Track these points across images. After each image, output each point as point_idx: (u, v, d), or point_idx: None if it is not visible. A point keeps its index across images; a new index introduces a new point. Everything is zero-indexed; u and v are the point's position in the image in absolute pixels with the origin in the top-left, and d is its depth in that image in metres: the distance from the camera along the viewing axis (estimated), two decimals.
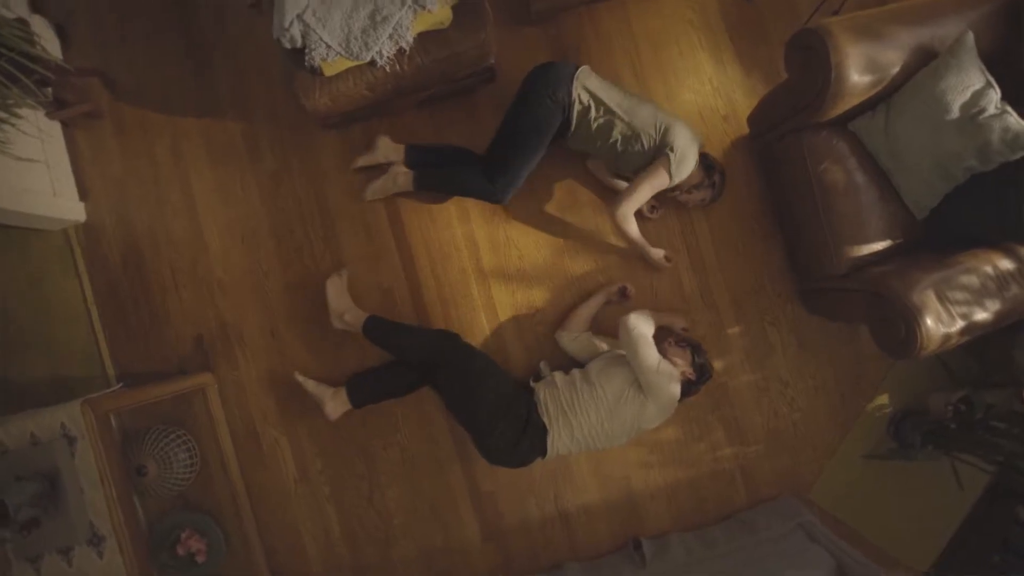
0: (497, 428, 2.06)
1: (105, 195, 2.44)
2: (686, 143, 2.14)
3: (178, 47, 2.50)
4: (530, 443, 2.09)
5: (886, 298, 1.93)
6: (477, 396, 2.09)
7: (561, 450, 2.11)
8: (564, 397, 2.11)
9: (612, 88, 2.21)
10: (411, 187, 2.38)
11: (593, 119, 2.18)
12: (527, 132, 2.22)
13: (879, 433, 2.53)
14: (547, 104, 2.16)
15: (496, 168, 2.26)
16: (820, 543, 2.15)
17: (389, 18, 2.01)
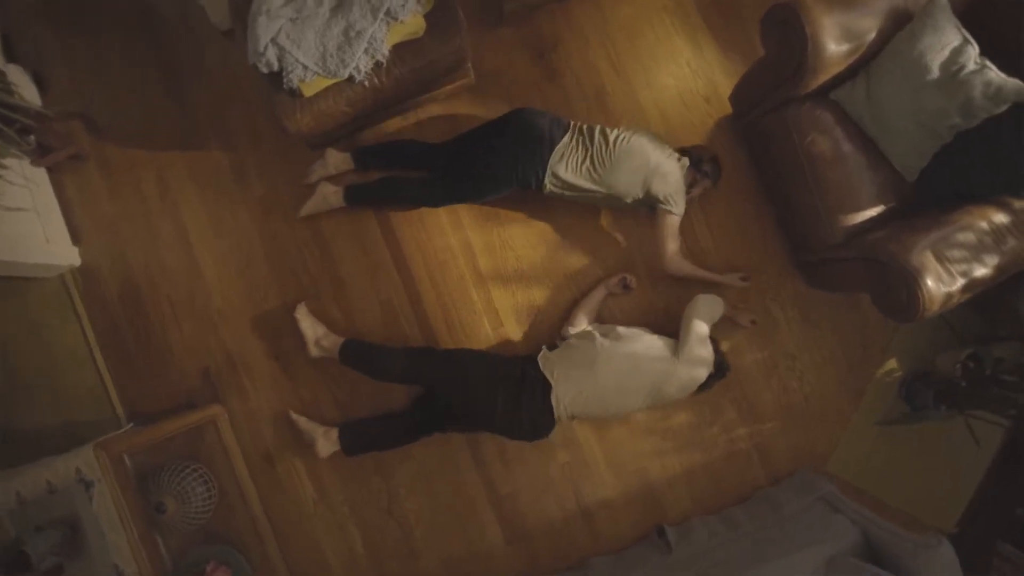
0: (498, 398, 2.04)
1: (97, 236, 2.44)
2: (671, 185, 2.18)
3: (155, 81, 2.50)
4: (531, 399, 2.04)
5: (885, 263, 1.93)
6: (470, 383, 2.09)
7: (569, 407, 2.04)
8: (579, 353, 2.10)
9: (585, 165, 2.17)
10: (342, 203, 2.38)
11: (568, 196, 2.25)
12: (484, 184, 2.28)
13: (891, 398, 2.53)
14: (512, 179, 2.21)
15: (444, 190, 2.32)
16: (843, 514, 2.15)
17: (363, 33, 2.01)
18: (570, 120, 2.23)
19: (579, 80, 2.53)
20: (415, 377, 2.21)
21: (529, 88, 2.52)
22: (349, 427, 2.31)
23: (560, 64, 2.53)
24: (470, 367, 2.13)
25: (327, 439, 2.28)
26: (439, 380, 2.17)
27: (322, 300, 2.43)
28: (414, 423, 2.29)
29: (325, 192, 2.36)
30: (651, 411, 2.46)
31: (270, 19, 1.98)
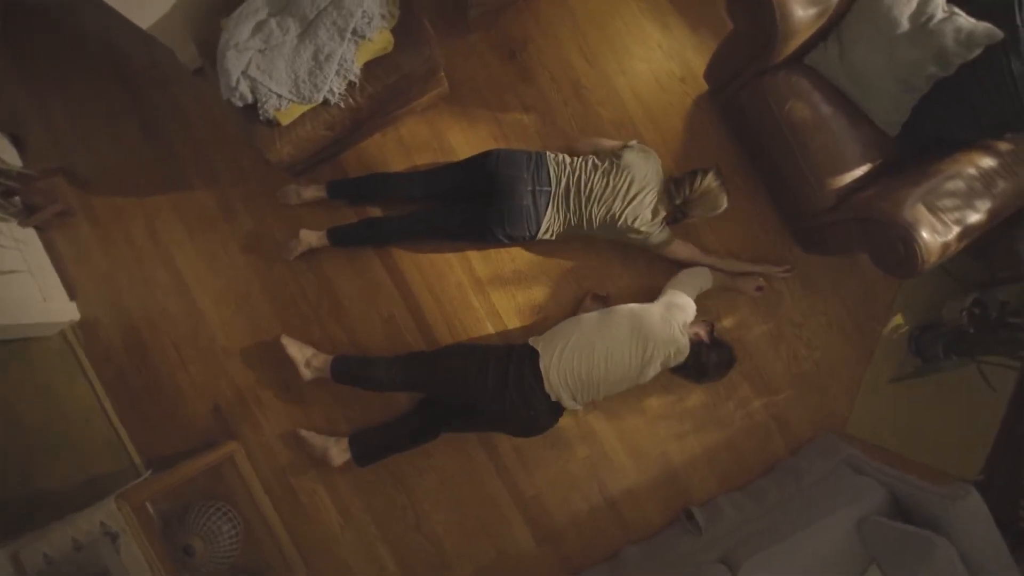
0: (488, 375, 2.06)
1: (94, 289, 2.44)
2: (645, 226, 2.21)
3: (133, 128, 2.49)
4: (519, 369, 2.05)
5: (878, 221, 1.93)
6: (458, 369, 2.12)
7: (557, 368, 2.03)
8: (566, 325, 2.14)
9: (569, 222, 2.25)
10: (327, 244, 2.39)
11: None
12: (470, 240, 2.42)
13: (901, 354, 2.53)
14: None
15: (428, 231, 2.38)
16: (867, 474, 2.15)
17: (332, 55, 2.01)
18: (551, 181, 2.21)
19: (553, 76, 2.53)
20: (407, 381, 2.22)
21: (504, 90, 2.52)
22: (358, 435, 2.32)
23: (532, 62, 2.54)
24: (455, 357, 2.17)
25: (338, 447, 2.29)
26: (430, 378, 2.18)
27: (324, 325, 2.43)
28: (420, 423, 2.30)
29: (308, 240, 2.37)
30: (664, 395, 2.46)
31: (239, 52, 1.98)
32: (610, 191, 2.18)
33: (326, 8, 2.00)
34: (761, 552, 1.94)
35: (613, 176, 2.18)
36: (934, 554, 1.78)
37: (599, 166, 2.21)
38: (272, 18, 2.02)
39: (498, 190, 2.19)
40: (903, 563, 1.86)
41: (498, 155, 2.22)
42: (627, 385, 2.10)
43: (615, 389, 2.11)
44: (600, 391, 2.08)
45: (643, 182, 2.18)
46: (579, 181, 2.21)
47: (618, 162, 2.19)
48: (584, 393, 2.08)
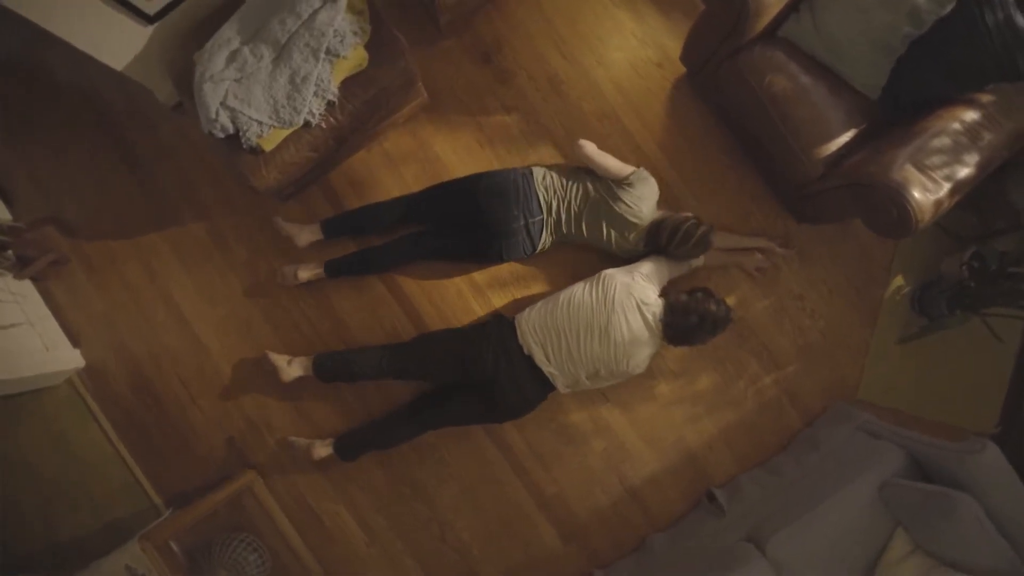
0: (467, 341, 2.16)
1: (95, 334, 2.44)
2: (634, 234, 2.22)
3: (118, 170, 2.49)
4: (497, 328, 2.14)
5: (869, 185, 1.93)
6: (441, 340, 2.21)
7: (532, 322, 2.11)
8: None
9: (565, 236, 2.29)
10: (323, 275, 2.39)
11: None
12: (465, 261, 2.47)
13: (905, 314, 2.53)
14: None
15: (421, 253, 2.39)
16: (884, 438, 2.15)
17: (309, 77, 2.01)
18: (541, 209, 2.22)
19: (531, 75, 2.53)
20: (393, 364, 2.23)
21: (484, 94, 2.52)
22: (343, 435, 2.34)
23: (509, 63, 2.54)
24: (439, 333, 2.28)
25: (323, 444, 2.32)
26: (414, 357, 2.23)
27: (328, 345, 2.43)
28: (409, 413, 2.30)
29: (305, 276, 2.37)
30: (674, 380, 2.46)
31: (215, 84, 1.98)
32: (600, 225, 2.21)
33: (297, 31, 2.00)
34: (786, 527, 1.94)
35: (605, 210, 2.19)
36: (958, 511, 1.78)
37: (589, 195, 2.20)
38: (245, 46, 2.02)
39: (490, 226, 2.22)
40: (928, 523, 1.86)
41: (487, 187, 2.21)
42: (597, 336, 2.05)
43: (587, 342, 2.05)
44: (567, 341, 2.06)
45: (635, 221, 2.19)
46: (569, 208, 2.22)
47: (615, 201, 2.17)
48: (553, 346, 2.07)
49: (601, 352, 2.06)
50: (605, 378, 2.15)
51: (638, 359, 2.08)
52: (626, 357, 2.07)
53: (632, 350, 2.06)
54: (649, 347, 2.09)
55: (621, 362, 2.07)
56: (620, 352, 2.06)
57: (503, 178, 2.22)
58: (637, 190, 2.16)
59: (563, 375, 2.10)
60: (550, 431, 2.44)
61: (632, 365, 2.09)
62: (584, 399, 2.44)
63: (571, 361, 2.08)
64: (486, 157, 2.47)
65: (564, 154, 2.50)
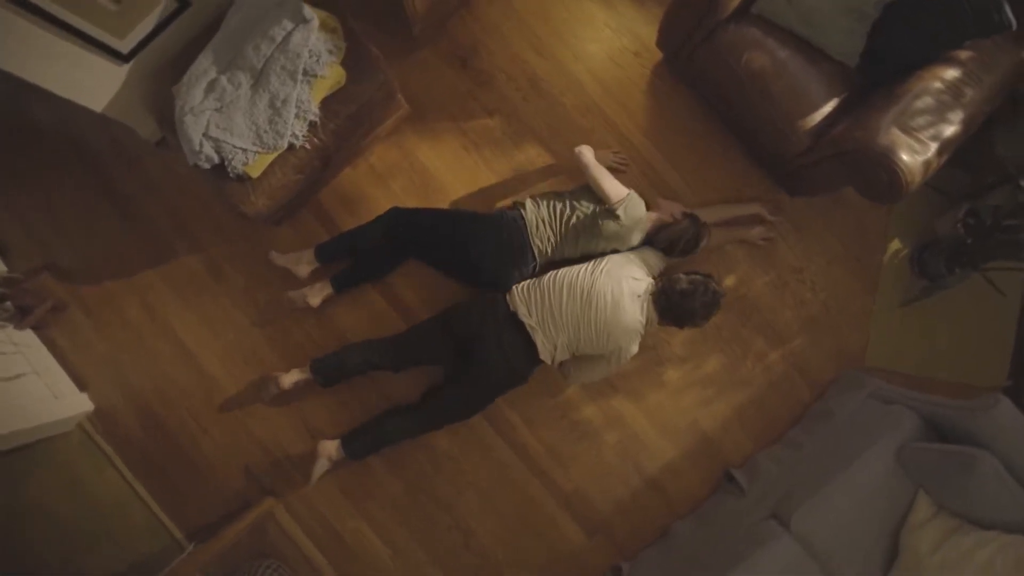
0: (462, 308, 2.18)
1: (101, 376, 2.44)
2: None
3: (107, 211, 2.49)
4: (491, 296, 2.16)
5: (856, 153, 1.93)
6: (437, 319, 2.22)
7: (526, 289, 2.13)
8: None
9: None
10: (331, 292, 2.38)
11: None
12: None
13: (906, 278, 2.53)
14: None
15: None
16: (896, 402, 2.15)
17: (288, 100, 2.01)
18: (536, 257, 2.22)
19: (509, 76, 2.53)
20: (384, 345, 2.26)
21: (464, 99, 2.52)
22: (351, 435, 2.31)
23: (486, 66, 2.54)
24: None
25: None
26: (404, 335, 2.28)
27: None
28: (415, 404, 2.31)
29: (313, 301, 2.36)
30: (681, 365, 2.46)
31: (196, 116, 1.98)
32: (594, 244, 2.22)
33: (273, 55, 2.00)
34: (808, 501, 1.94)
35: (597, 233, 2.19)
36: (977, 468, 1.78)
37: (582, 225, 2.18)
38: (222, 75, 2.02)
39: (490, 281, 2.24)
40: (948, 483, 1.86)
41: (480, 254, 2.21)
42: (580, 298, 2.06)
43: (568, 302, 2.06)
44: (550, 299, 2.08)
45: (626, 241, 2.22)
46: (563, 246, 2.22)
47: (606, 229, 2.17)
48: (537, 303, 2.09)
49: (582, 315, 2.06)
50: (587, 351, 2.13)
51: (621, 334, 2.06)
52: (607, 329, 2.05)
53: (615, 322, 2.04)
54: (634, 324, 2.06)
55: (603, 334, 2.06)
56: (601, 320, 2.05)
57: (496, 241, 2.19)
58: (627, 221, 2.16)
59: (544, 333, 2.09)
60: (563, 428, 2.44)
61: (614, 340, 2.06)
62: (594, 392, 2.44)
63: (552, 320, 2.08)
64: (472, 162, 2.47)
65: (551, 151, 2.50)
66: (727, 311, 2.48)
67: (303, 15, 2.00)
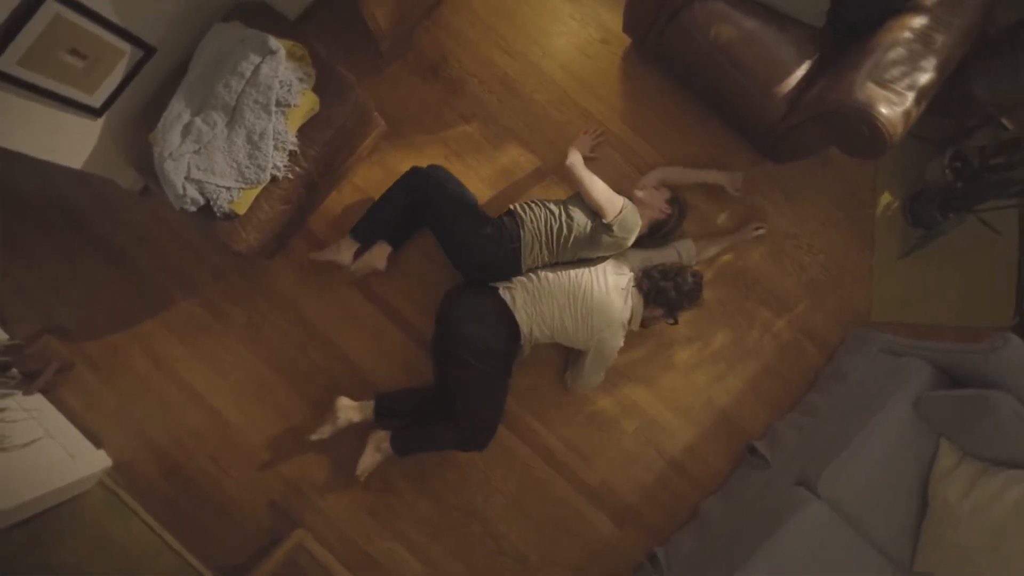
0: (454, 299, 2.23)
1: (115, 430, 2.44)
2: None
3: (99, 265, 2.49)
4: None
5: (835, 113, 1.93)
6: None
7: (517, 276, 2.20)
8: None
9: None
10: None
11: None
12: None
13: (901, 229, 2.53)
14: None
15: None
16: (907, 354, 2.15)
17: (265, 133, 2.01)
18: (524, 266, 2.22)
19: (481, 80, 2.53)
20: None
21: (440, 109, 2.52)
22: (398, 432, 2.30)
23: (457, 73, 2.54)
24: None
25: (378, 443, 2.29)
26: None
27: (346, 387, 2.43)
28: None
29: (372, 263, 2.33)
30: (689, 345, 2.47)
31: (176, 161, 1.98)
32: (584, 258, 2.26)
33: (244, 90, 2.00)
34: (832, 463, 1.94)
35: (590, 250, 2.22)
36: (994, 409, 1.78)
37: (577, 249, 2.20)
38: (196, 117, 2.02)
39: (477, 280, 2.27)
40: (968, 428, 1.86)
41: (470, 263, 2.24)
42: (566, 280, 2.15)
43: (554, 279, 2.17)
44: (536, 277, 2.18)
45: (619, 251, 2.27)
46: (555, 261, 2.25)
47: (601, 242, 2.19)
48: (523, 282, 2.19)
49: (566, 304, 2.14)
50: (570, 331, 2.14)
51: (604, 325, 2.12)
52: (589, 313, 2.11)
53: (599, 311, 2.12)
54: (618, 315, 2.12)
55: (587, 317, 2.12)
56: (585, 308, 2.11)
57: (493, 255, 2.19)
58: (622, 233, 2.17)
59: (522, 300, 2.14)
60: (580, 424, 2.44)
61: (596, 332, 2.12)
62: (606, 384, 2.43)
63: (533, 295, 2.15)
64: (457, 171, 2.46)
65: (532, 150, 2.50)
66: (728, 285, 2.49)
67: (269, 47, 2.00)
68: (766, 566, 1.86)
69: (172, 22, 2.04)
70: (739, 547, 1.97)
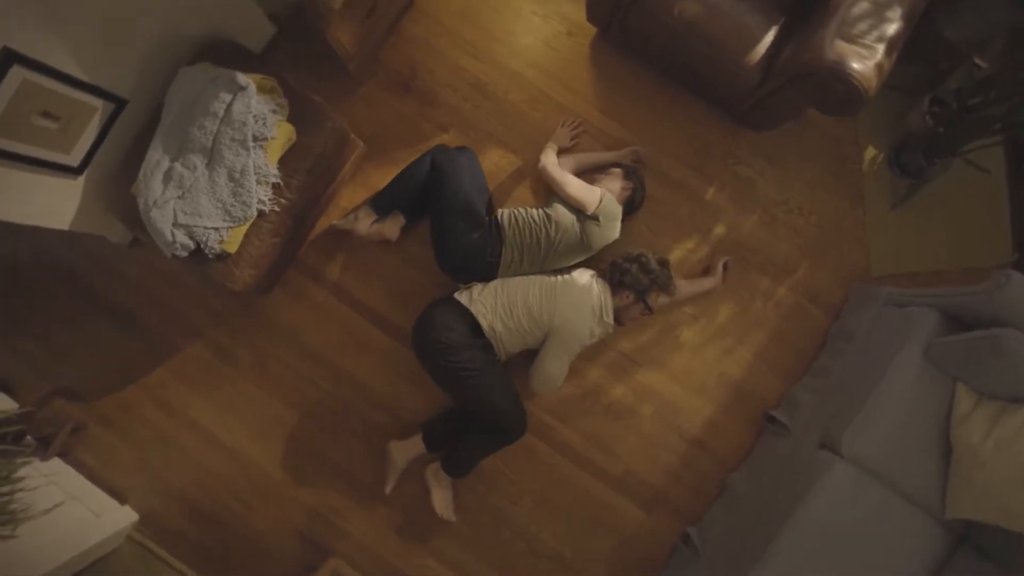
0: None
1: (138, 484, 2.44)
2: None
3: (99, 322, 2.49)
4: None
5: (808, 74, 1.93)
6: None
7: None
8: None
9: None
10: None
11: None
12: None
13: (889, 182, 2.53)
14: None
15: None
16: (911, 304, 2.15)
17: (246, 169, 2.01)
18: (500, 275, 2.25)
19: (453, 88, 2.53)
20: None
21: (417, 122, 2.52)
22: (446, 459, 2.30)
23: (429, 84, 2.54)
24: None
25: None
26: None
27: (361, 413, 2.43)
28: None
29: (389, 234, 2.36)
30: (694, 323, 2.47)
31: (161, 208, 1.98)
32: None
33: (219, 130, 2.01)
34: (852, 423, 1.94)
35: (579, 252, 2.25)
36: (1005, 346, 1.78)
37: (566, 253, 2.23)
38: (176, 163, 2.02)
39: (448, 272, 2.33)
40: (982, 369, 1.87)
41: (451, 265, 2.27)
42: (527, 265, 2.22)
43: (517, 266, 2.22)
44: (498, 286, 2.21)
45: (606, 241, 2.27)
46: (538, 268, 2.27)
47: (584, 236, 2.21)
48: (480, 291, 2.20)
49: (531, 278, 2.20)
50: (535, 313, 2.12)
51: (568, 306, 2.12)
52: (552, 298, 2.13)
53: (563, 285, 2.15)
54: (584, 298, 2.14)
55: (551, 294, 2.13)
56: (549, 283, 2.16)
57: (476, 258, 2.21)
58: (606, 220, 2.19)
59: (479, 293, 2.17)
60: (596, 414, 2.44)
61: (562, 304, 2.12)
62: (618, 372, 2.44)
63: (492, 288, 2.18)
64: None
65: (512, 150, 2.50)
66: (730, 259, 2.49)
67: (238, 83, 2.00)
68: (799, 533, 1.87)
69: (140, 72, 2.05)
70: (770, 517, 1.97)
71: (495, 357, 2.18)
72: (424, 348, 2.14)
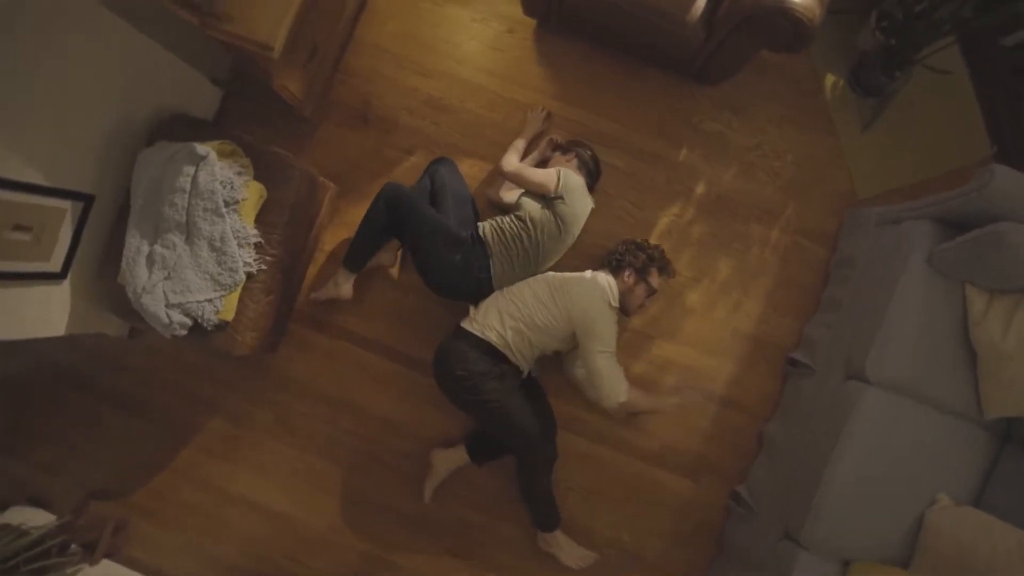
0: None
1: (190, 567, 2.43)
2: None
3: (116, 417, 2.49)
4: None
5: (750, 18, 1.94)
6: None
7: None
8: None
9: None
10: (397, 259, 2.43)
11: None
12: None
13: (854, 104, 2.53)
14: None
15: None
16: (905, 219, 2.14)
17: (225, 235, 2.01)
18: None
19: (409, 110, 2.54)
20: None
21: (381, 150, 2.52)
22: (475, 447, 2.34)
23: (385, 112, 2.54)
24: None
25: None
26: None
27: (390, 446, 2.43)
28: None
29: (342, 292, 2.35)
30: (696, 285, 2.47)
31: (151, 293, 1.98)
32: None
33: (190, 203, 2.01)
34: (872, 348, 1.94)
35: (563, 238, 2.24)
36: (1005, 239, 1.77)
37: (552, 246, 2.23)
38: (155, 245, 2.02)
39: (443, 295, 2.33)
40: (987, 267, 1.86)
41: (438, 288, 2.27)
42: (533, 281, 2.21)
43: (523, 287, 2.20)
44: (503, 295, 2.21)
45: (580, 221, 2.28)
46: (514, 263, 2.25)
47: (557, 220, 2.20)
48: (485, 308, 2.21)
49: (536, 278, 2.21)
50: (549, 309, 2.11)
51: (578, 288, 2.13)
52: (563, 289, 2.14)
53: (572, 284, 2.15)
54: (593, 284, 2.15)
55: (561, 290, 2.14)
56: (555, 280, 2.17)
57: (463, 281, 2.20)
58: (570, 194, 2.18)
59: (484, 312, 2.16)
60: None
61: (575, 296, 2.12)
62: (633, 349, 2.44)
63: (494, 299, 2.19)
64: None
65: (481, 157, 2.50)
66: (713, 216, 2.49)
67: (198, 154, 2.00)
68: (845, 468, 1.87)
69: (100, 164, 2.05)
70: (813, 459, 1.97)
71: (516, 383, 2.17)
72: (445, 383, 2.15)
